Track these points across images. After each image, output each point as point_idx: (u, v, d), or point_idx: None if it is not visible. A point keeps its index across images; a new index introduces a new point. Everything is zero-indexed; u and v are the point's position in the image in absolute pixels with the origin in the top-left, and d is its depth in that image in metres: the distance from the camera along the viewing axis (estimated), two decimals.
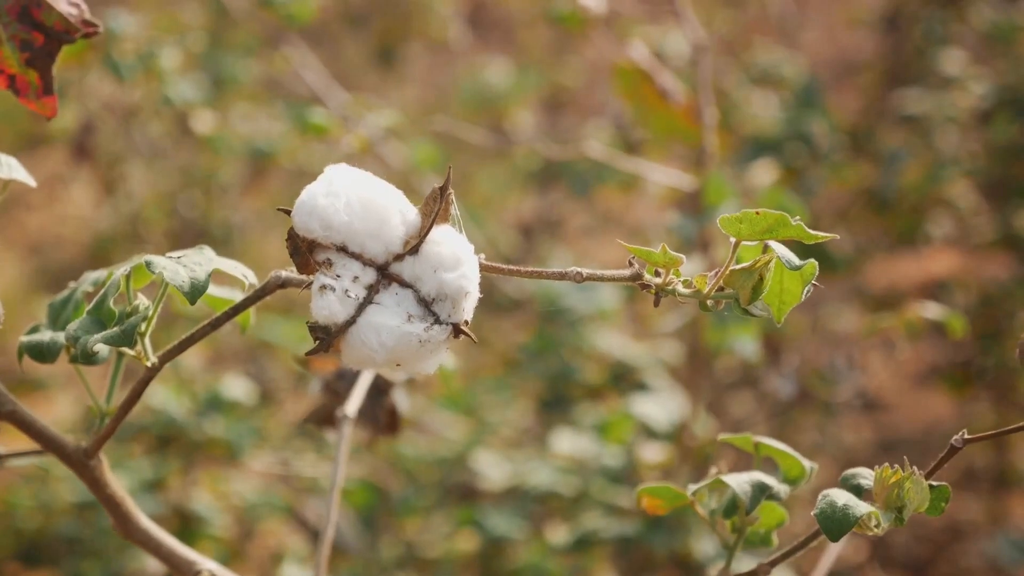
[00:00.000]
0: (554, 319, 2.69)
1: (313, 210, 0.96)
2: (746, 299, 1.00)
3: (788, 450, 1.19)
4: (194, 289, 1.00)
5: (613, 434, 2.43)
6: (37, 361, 1.13)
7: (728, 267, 1.00)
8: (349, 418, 1.46)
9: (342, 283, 0.96)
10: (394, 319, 0.96)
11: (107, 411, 1.17)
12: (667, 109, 2.34)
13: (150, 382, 1.08)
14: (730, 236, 0.99)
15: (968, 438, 1.05)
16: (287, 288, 1.02)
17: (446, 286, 0.96)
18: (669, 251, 0.98)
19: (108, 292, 1.04)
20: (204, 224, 3.43)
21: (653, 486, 1.22)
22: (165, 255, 1.02)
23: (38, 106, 1.14)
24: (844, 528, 1.03)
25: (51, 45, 1.12)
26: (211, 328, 1.05)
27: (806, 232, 0.98)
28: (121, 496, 1.19)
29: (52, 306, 1.17)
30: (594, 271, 1.00)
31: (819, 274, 1.02)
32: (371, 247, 0.97)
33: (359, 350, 0.96)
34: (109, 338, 1.02)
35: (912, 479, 1.03)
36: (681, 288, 1.00)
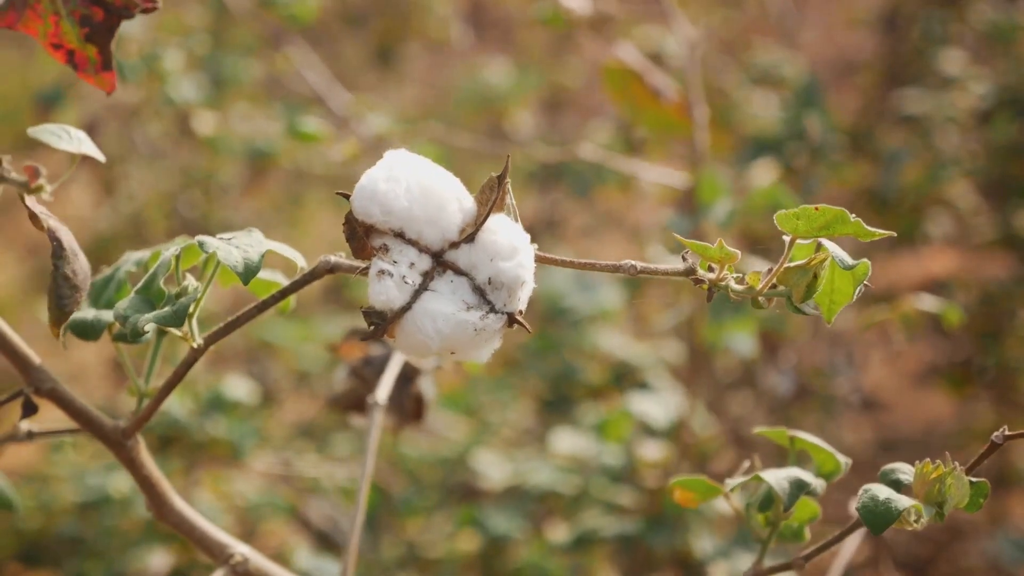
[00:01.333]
0: (556, 319, 2.69)
1: (374, 195, 0.96)
2: (799, 297, 1.00)
3: (823, 445, 1.19)
4: (248, 270, 0.99)
5: (612, 432, 2.43)
6: (81, 338, 1.14)
7: (783, 264, 0.99)
8: (380, 405, 1.45)
9: (399, 269, 0.96)
10: (450, 306, 0.96)
11: (147, 392, 1.17)
12: (659, 107, 2.35)
13: (194, 363, 1.08)
14: (785, 232, 0.98)
15: (1009, 434, 1.05)
16: (336, 272, 1.01)
17: (502, 274, 0.96)
18: (725, 246, 0.98)
19: (158, 272, 1.04)
20: (204, 224, 3.43)
21: (686, 478, 1.22)
22: (217, 236, 1.02)
23: (97, 81, 1.14)
24: (887, 521, 1.03)
25: (111, 20, 1.13)
26: (258, 311, 1.05)
27: (864, 229, 0.97)
28: (157, 478, 1.19)
29: (94, 285, 1.18)
30: (648, 265, 1.00)
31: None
32: (428, 234, 0.96)
33: (414, 336, 0.96)
34: (161, 318, 1.01)
35: (954, 474, 1.04)
36: (734, 284, 1.00)
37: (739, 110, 3.14)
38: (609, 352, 2.66)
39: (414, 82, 4.75)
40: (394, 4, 4.49)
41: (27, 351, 1.14)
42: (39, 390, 1.14)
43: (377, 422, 1.44)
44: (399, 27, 4.44)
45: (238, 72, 3.02)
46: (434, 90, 4.69)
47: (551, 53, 4.05)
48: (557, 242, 3.58)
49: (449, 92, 4.26)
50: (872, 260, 3.16)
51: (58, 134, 1.10)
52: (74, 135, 1.10)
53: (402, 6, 4.45)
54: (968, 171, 3.10)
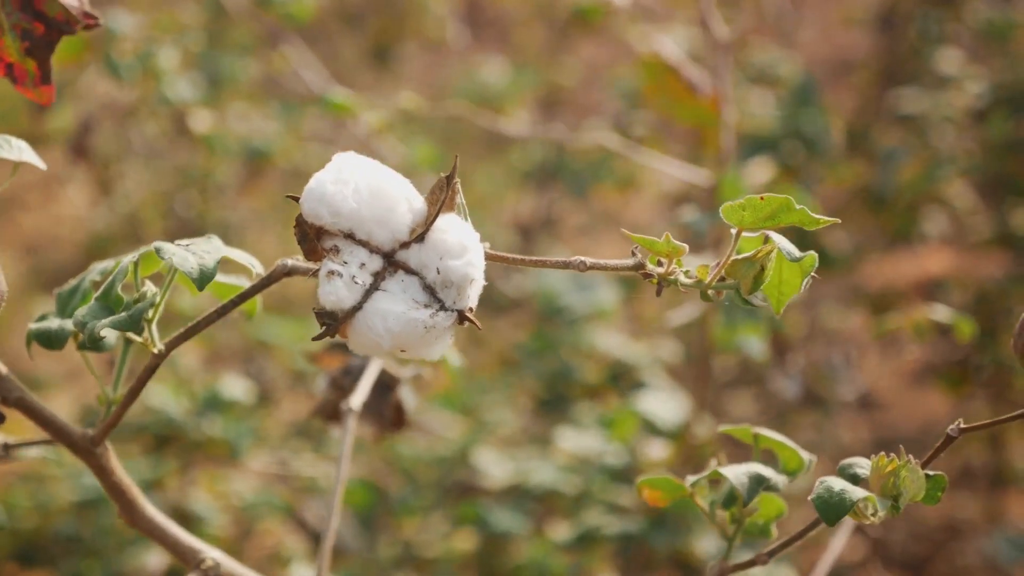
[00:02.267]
0: (552, 318, 2.69)
1: (322, 197, 0.97)
2: (747, 289, 1.01)
3: (787, 441, 1.20)
4: (203, 276, 1.00)
5: (618, 431, 2.43)
6: (45, 348, 1.14)
7: (730, 257, 1.01)
8: (354, 411, 1.47)
9: (349, 269, 0.97)
10: (400, 305, 0.97)
11: (114, 399, 1.17)
12: (694, 101, 2.35)
13: (156, 369, 1.08)
14: (732, 225, 0.99)
15: (964, 427, 1.05)
16: (293, 276, 1.03)
17: (451, 273, 0.97)
18: (672, 240, 0.99)
19: (116, 279, 1.05)
20: (201, 224, 3.43)
21: (653, 477, 1.23)
22: (174, 243, 1.03)
23: (35, 94, 1.15)
24: (840, 512, 1.04)
25: (51, 35, 1.13)
26: (218, 315, 1.05)
27: (810, 217, 0.98)
28: (127, 484, 1.20)
29: (60, 296, 1.18)
30: (597, 261, 1.01)
31: (815, 273, 1.03)
32: (378, 234, 0.98)
33: (365, 335, 0.97)
34: (116, 323, 1.02)
35: (908, 467, 1.04)
36: (683, 278, 1.01)
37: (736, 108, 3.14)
38: (606, 352, 2.66)
39: (411, 81, 4.75)
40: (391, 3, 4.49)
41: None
42: (6, 399, 1.14)
43: (351, 428, 1.45)
44: (396, 26, 4.44)
45: (234, 71, 3.02)
46: (431, 89, 4.69)
47: (547, 52, 4.05)
48: (554, 241, 3.58)
49: (446, 91, 4.25)
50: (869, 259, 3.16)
51: None
52: (15, 144, 1.11)
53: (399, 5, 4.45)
54: (964, 170, 3.10)
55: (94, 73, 2.82)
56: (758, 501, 1.18)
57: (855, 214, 3.20)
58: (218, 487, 2.56)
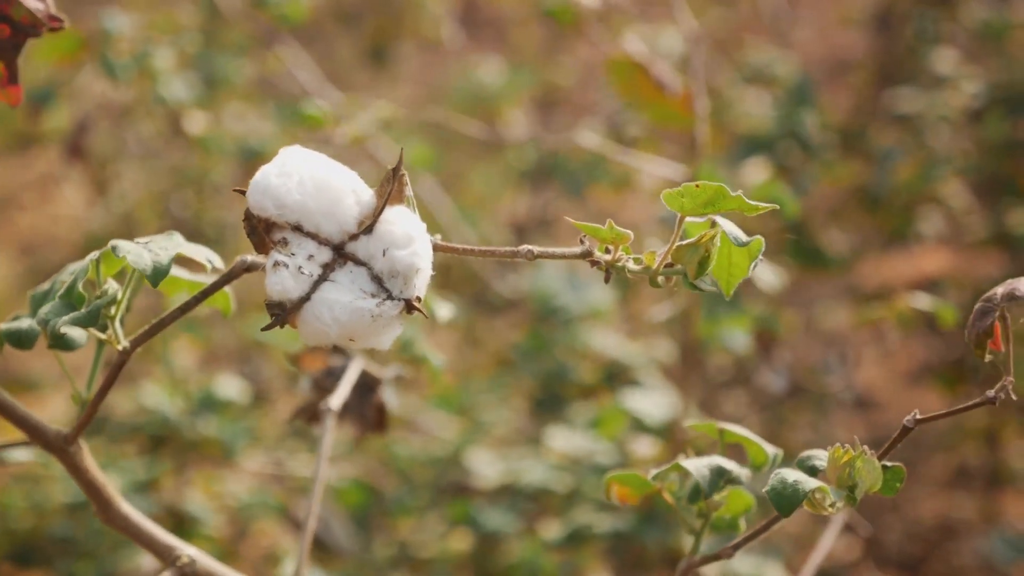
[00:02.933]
0: (547, 318, 2.69)
1: (266, 189, 0.99)
2: (693, 274, 1.02)
3: (752, 436, 1.22)
4: (156, 272, 1.02)
5: (606, 428, 2.43)
6: (15, 347, 1.16)
7: (675, 242, 1.02)
8: (332, 412, 1.48)
9: (296, 260, 0.99)
10: (347, 295, 0.99)
11: (88, 398, 1.19)
12: (664, 100, 2.35)
13: (123, 366, 1.10)
14: (673, 211, 1.01)
15: (920, 418, 1.07)
16: (253, 271, 1.04)
17: (398, 263, 0.99)
18: (616, 227, 1.00)
19: (77, 277, 1.07)
20: (197, 224, 3.43)
21: (621, 473, 1.24)
22: (134, 240, 1.04)
23: (3, 95, 1.18)
24: (793, 503, 1.05)
25: (17, 38, 1.16)
26: (180, 312, 1.06)
27: (746, 203, 1.00)
28: (102, 482, 1.20)
29: (34, 297, 1.19)
30: (545, 249, 1.02)
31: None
32: (326, 226, 1.00)
33: (313, 325, 0.99)
34: (76, 319, 1.04)
35: (863, 458, 1.06)
36: (631, 265, 1.03)
37: (732, 109, 3.14)
38: (601, 351, 2.66)
39: (407, 81, 4.75)
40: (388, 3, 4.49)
41: None
42: None
43: (330, 428, 1.46)
44: (393, 26, 4.44)
45: (230, 72, 3.02)
46: (427, 89, 4.69)
47: (544, 52, 4.05)
48: (550, 241, 3.58)
49: (442, 91, 4.26)
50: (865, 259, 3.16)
51: None
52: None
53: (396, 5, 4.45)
54: (960, 170, 3.10)
55: (90, 73, 2.82)
56: (725, 496, 1.19)
57: (851, 214, 3.20)
58: (213, 487, 2.56)
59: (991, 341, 1.05)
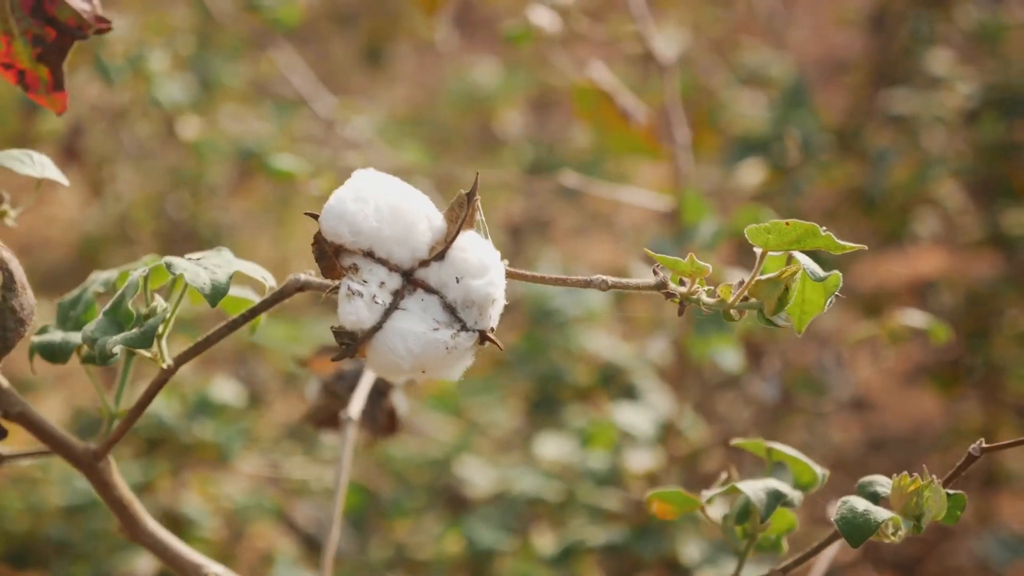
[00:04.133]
0: (543, 320, 2.69)
1: (343, 215, 0.95)
2: (771, 310, 1.00)
3: (800, 456, 1.19)
4: (215, 291, 0.99)
5: (598, 442, 2.43)
6: (49, 361, 1.14)
7: (755, 277, 1.00)
8: (353, 420, 1.45)
9: (369, 288, 0.96)
10: (421, 325, 0.96)
11: (117, 413, 1.17)
12: (627, 129, 2.34)
13: (164, 384, 1.07)
14: (756, 246, 0.98)
15: (986, 447, 1.05)
16: (306, 291, 1.01)
17: (473, 292, 0.96)
18: (696, 260, 0.98)
19: (126, 293, 1.03)
20: (192, 225, 3.43)
21: (665, 491, 1.22)
22: (185, 257, 1.02)
23: (48, 101, 1.13)
24: (865, 534, 1.03)
25: (63, 41, 1.11)
26: (228, 330, 1.04)
27: (835, 243, 0.97)
28: (129, 499, 1.19)
29: (61, 306, 1.17)
30: (619, 280, 1.00)
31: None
32: (398, 253, 0.96)
33: (385, 356, 0.96)
34: (129, 340, 1.01)
35: (931, 487, 1.04)
36: (705, 298, 1.00)
37: (727, 110, 3.14)
38: (596, 353, 2.66)
39: (403, 82, 4.75)
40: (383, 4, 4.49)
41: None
42: (8, 414, 1.13)
43: (350, 438, 1.44)
44: (388, 27, 4.44)
45: (224, 74, 3.02)
46: (423, 90, 4.69)
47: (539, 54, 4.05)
48: (546, 243, 3.58)
49: (438, 92, 4.26)
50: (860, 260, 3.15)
51: (21, 159, 1.09)
52: (37, 160, 1.09)
53: (391, 6, 4.45)
54: (955, 170, 3.10)
55: (85, 75, 2.81)
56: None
57: (846, 215, 3.20)
58: (209, 490, 2.56)
59: None
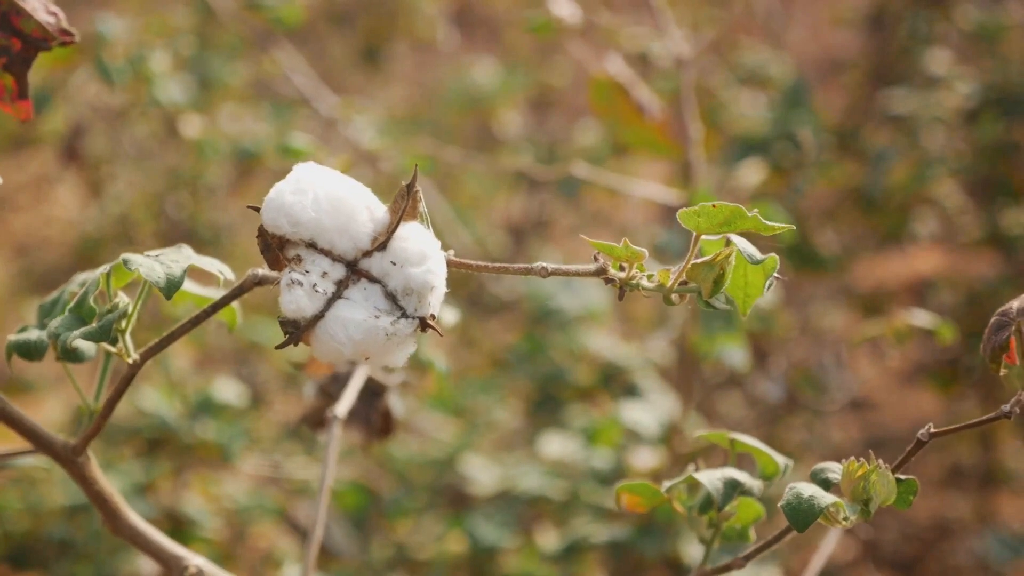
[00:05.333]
0: (543, 320, 2.69)
1: (281, 207, 0.98)
2: (708, 292, 1.02)
3: (762, 447, 1.22)
4: (169, 285, 1.02)
5: (602, 440, 2.44)
6: (24, 359, 1.16)
7: (689, 261, 1.02)
8: (339, 419, 1.47)
9: (310, 278, 0.98)
10: (361, 313, 0.98)
11: (95, 409, 1.19)
12: (642, 123, 2.35)
13: (132, 379, 1.10)
14: (689, 229, 1.01)
15: (934, 432, 1.06)
16: (264, 285, 1.04)
17: (412, 281, 0.99)
18: (631, 246, 1.00)
19: (88, 290, 1.06)
20: (192, 225, 3.43)
21: (632, 483, 1.25)
22: (144, 254, 1.04)
23: (13, 110, 1.17)
24: (809, 518, 1.05)
25: (28, 51, 1.15)
26: (191, 325, 1.06)
27: (762, 224, 0.99)
28: (109, 492, 1.20)
29: (42, 307, 1.20)
30: (559, 266, 1.02)
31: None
32: (340, 243, 0.99)
33: (327, 343, 0.99)
34: (88, 334, 1.04)
35: (878, 472, 1.06)
36: (645, 282, 1.03)
37: (726, 110, 3.14)
38: (597, 353, 2.66)
39: (401, 81, 4.75)
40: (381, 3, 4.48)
41: None
42: None
43: (336, 436, 1.45)
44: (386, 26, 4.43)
45: (224, 74, 3.02)
46: (421, 89, 4.69)
47: (538, 52, 4.05)
48: (544, 243, 3.58)
49: (436, 92, 4.26)
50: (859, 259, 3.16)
51: None
52: None
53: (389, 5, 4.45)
54: (954, 170, 3.11)
55: (85, 76, 2.82)
56: (735, 505, 1.19)
57: (846, 215, 3.21)
58: (211, 490, 2.56)
59: (1007, 355, 1.05)
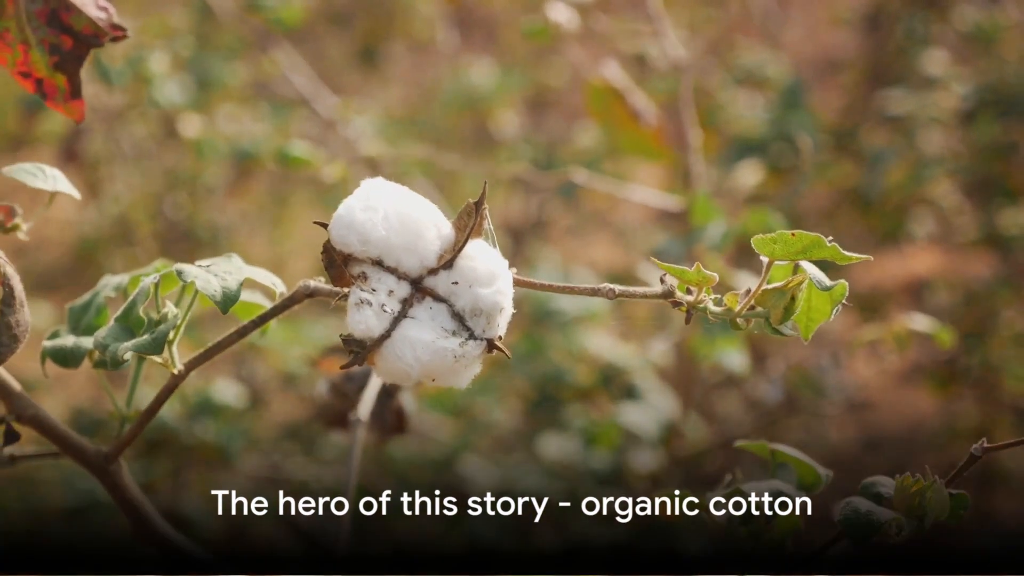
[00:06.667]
0: (543, 321, 2.70)
1: (351, 224, 0.96)
2: (777, 319, 1.01)
3: (804, 457, 1.20)
4: (226, 298, 1.00)
5: (602, 442, 2.44)
6: (61, 366, 1.15)
7: (761, 287, 1.00)
8: (362, 422, 1.46)
9: (378, 297, 0.96)
10: (429, 334, 0.96)
11: (128, 416, 1.18)
12: (637, 129, 2.35)
13: (175, 390, 1.09)
14: (763, 256, 0.99)
15: (987, 447, 1.06)
16: (315, 297, 1.02)
17: (481, 301, 0.97)
18: (703, 270, 0.98)
19: (137, 300, 1.05)
20: (190, 226, 3.43)
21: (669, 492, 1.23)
22: (194, 263, 1.03)
23: (66, 110, 1.14)
24: (868, 533, 1.04)
25: (80, 49, 1.12)
26: (239, 336, 1.05)
27: (840, 253, 0.98)
28: (140, 500, 1.19)
29: (72, 311, 1.18)
30: (626, 288, 1.00)
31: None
32: (406, 261, 0.97)
33: (394, 364, 0.96)
34: (139, 346, 1.02)
35: (934, 488, 1.04)
36: (712, 306, 1.01)
37: (724, 111, 3.15)
38: (596, 354, 2.66)
39: (399, 82, 4.75)
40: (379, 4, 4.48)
41: (8, 379, 1.13)
42: (21, 417, 1.14)
43: (359, 439, 1.44)
44: (383, 27, 4.43)
45: (223, 75, 3.02)
46: (418, 90, 4.69)
47: (535, 53, 4.05)
48: (543, 243, 3.58)
49: (434, 92, 4.26)
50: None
51: (33, 173, 1.11)
52: (49, 173, 1.11)
53: (386, 6, 4.45)
54: (951, 171, 3.12)
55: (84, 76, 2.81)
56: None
57: (843, 215, 3.22)
58: (210, 490, 2.56)
59: None
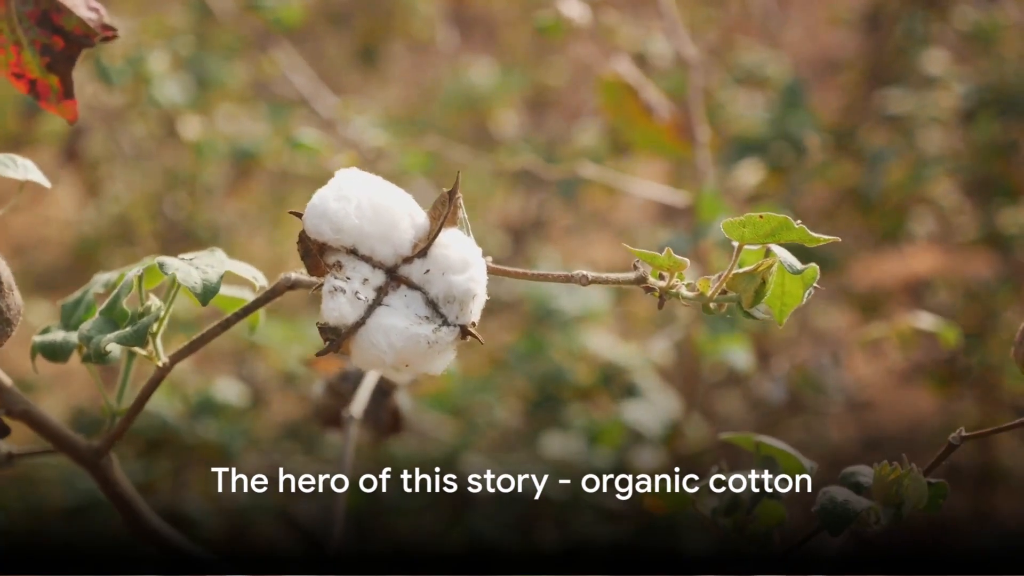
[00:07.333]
0: (543, 320, 2.70)
1: (324, 213, 0.97)
2: (748, 302, 1.02)
3: (789, 449, 1.21)
4: (206, 291, 1.02)
5: (605, 440, 2.44)
6: (50, 360, 1.15)
7: (731, 271, 1.01)
8: (355, 419, 1.47)
9: (352, 285, 0.98)
10: (403, 321, 0.98)
11: (118, 411, 1.18)
12: (650, 124, 2.35)
13: (160, 382, 1.10)
14: (733, 240, 1.00)
15: (965, 435, 1.06)
16: (296, 289, 1.04)
17: (454, 288, 0.98)
18: (673, 255, 1.00)
19: (120, 293, 1.06)
20: (189, 225, 3.43)
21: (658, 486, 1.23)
22: (177, 257, 1.04)
23: (59, 110, 1.14)
24: (844, 523, 1.05)
25: (71, 49, 1.12)
26: (222, 329, 1.06)
27: (808, 235, 0.99)
28: (131, 495, 1.20)
29: (64, 307, 1.19)
30: (599, 275, 1.02)
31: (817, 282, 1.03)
32: (381, 250, 0.98)
33: (368, 351, 0.98)
34: (122, 338, 1.03)
35: (910, 476, 1.05)
36: (685, 291, 1.02)
37: (724, 110, 3.15)
38: (597, 353, 2.66)
39: (398, 82, 4.75)
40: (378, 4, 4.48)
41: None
42: (11, 412, 1.14)
43: (352, 437, 1.46)
44: (383, 26, 4.43)
45: (223, 74, 3.02)
46: (418, 90, 4.69)
47: (535, 52, 4.05)
48: (543, 242, 3.58)
49: (433, 92, 4.26)
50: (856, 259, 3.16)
51: (4, 163, 1.11)
52: (20, 163, 1.11)
53: (386, 5, 4.45)
54: (951, 170, 3.12)
55: (83, 76, 2.82)
56: (759, 508, 1.18)
57: (843, 215, 3.22)
58: (210, 489, 2.56)
59: None
